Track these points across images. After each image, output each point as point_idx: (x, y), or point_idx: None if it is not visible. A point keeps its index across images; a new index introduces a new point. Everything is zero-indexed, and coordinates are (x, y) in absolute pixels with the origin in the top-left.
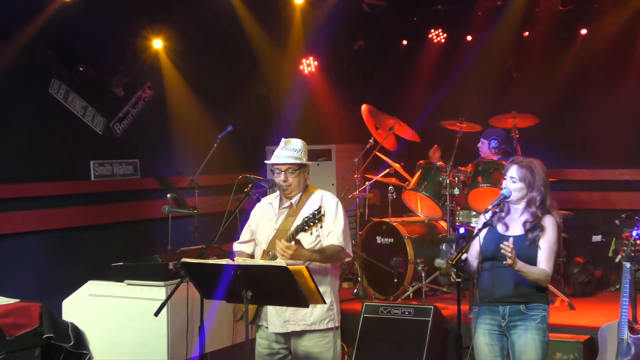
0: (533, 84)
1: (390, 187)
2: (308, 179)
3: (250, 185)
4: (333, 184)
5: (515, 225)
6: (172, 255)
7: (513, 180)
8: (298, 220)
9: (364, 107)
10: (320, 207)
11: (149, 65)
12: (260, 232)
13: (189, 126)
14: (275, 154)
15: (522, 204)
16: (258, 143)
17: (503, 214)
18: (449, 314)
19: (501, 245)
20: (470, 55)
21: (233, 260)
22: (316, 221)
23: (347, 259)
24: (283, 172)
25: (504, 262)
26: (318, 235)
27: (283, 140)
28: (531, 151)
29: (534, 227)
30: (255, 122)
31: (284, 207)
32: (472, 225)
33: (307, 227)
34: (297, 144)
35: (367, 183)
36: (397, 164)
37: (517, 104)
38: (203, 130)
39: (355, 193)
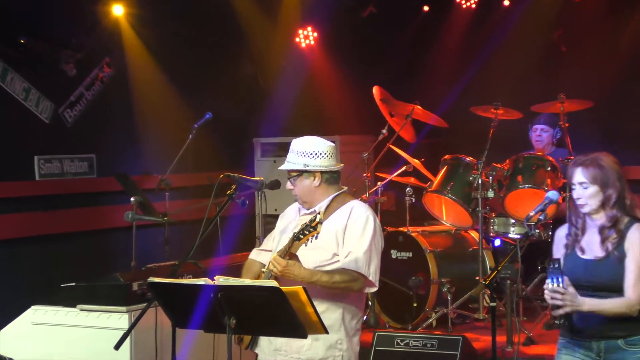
0: (586, 61)
1: (408, 189)
2: (321, 186)
3: (234, 187)
4: None
5: (595, 245)
6: (136, 273)
7: (584, 187)
8: (323, 232)
9: (375, 89)
10: (316, 213)
11: (107, 37)
12: (279, 240)
13: (158, 113)
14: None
15: (601, 214)
16: (244, 134)
17: (578, 232)
18: (482, 346)
19: (550, 295)
20: (507, 25)
21: (212, 279)
22: (311, 230)
23: (370, 290)
24: (289, 180)
25: (560, 311)
26: (335, 254)
27: (294, 141)
28: (583, 144)
29: (613, 233)
30: (240, 108)
31: (305, 214)
32: (509, 236)
33: (301, 236)
34: (303, 144)
35: (379, 184)
36: (416, 160)
37: (566, 86)
38: (175, 118)
39: (364, 196)
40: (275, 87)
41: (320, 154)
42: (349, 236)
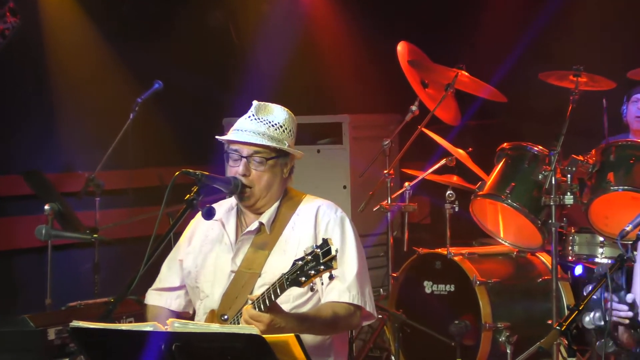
0: None
1: (449, 192)
2: (290, 180)
3: (195, 189)
4: (345, 187)
5: None
6: (53, 315)
7: None
8: (277, 259)
9: (401, 46)
10: (326, 240)
11: None
12: (205, 276)
13: (86, 84)
14: (236, 125)
15: None
16: (210, 113)
17: None
18: None
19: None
20: None
21: (164, 323)
22: (321, 267)
23: (366, 323)
24: (244, 160)
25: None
26: (313, 284)
27: (255, 104)
28: None
29: None
30: (204, 76)
31: (248, 232)
32: (596, 261)
33: (302, 279)
34: (278, 113)
35: (406, 185)
36: (461, 150)
37: None
38: (111, 91)
39: (385, 203)
40: (254, 44)
41: (291, 130)
42: None
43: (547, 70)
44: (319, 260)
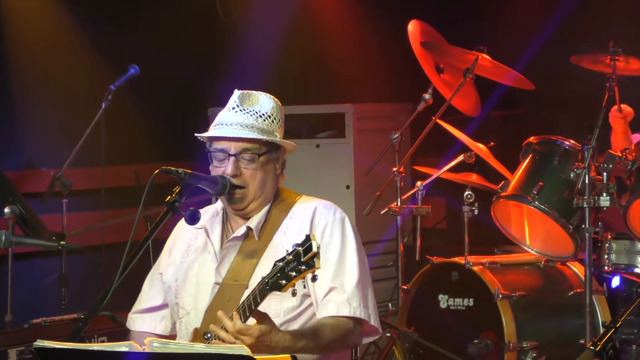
0: None
1: (467, 193)
2: (283, 177)
3: (177, 189)
4: (348, 187)
5: None
6: (15, 334)
7: None
8: (267, 268)
9: (413, 25)
10: (308, 235)
11: None
12: (185, 290)
13: (50, 67)
14: (218, 119)
15: None
16: (194, 102)
17: None
18: None
19: None
20: None
21: (142, 343)
22: (302, 267)
23: (370, 339)
24: (232, 159)
25: None
26: (307, 296)
27: (237, 93)
28: None
29: None
30: (187, 60)
31: (234, 238)
32: (636, 271)
33: (283, 282)
34: (264, 102)
35: (419, 184)
36: (481, 145)
37: None
38: (79, 75)
39: (394, 205)
40: (244, 22)
41: (280, 119)
42: (321, 260)
43: (581, 53)
44: (300, 259)
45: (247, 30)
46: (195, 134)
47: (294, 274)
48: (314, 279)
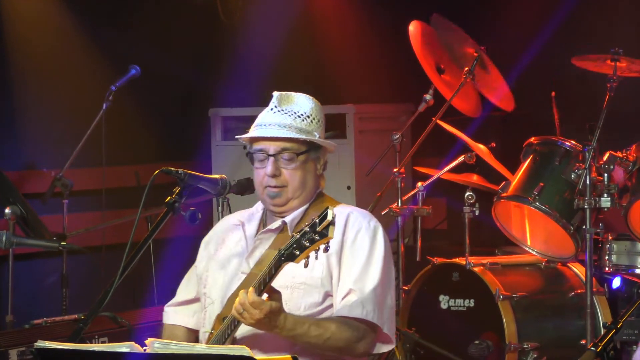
0: None
1: (468, 194)
2: (323, 180)
3: (177, 190)
4: (349, 187)
5: None
6: (15, 334)
7: None
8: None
9: (414, 26)
10: (325, 212)
11: None
12: (214, 279)
13: (51, 68)
14: (257, 120)
15: None
16: (194, 103)
17: None
18: None
19: None
20: None
21: (143, 343)
22: (316, 237)
23: (384, 349)
24: (271, 159)
25: None
26: (329, 294)
27: (276, 94)
28: None
29: None
30: (187, 61)
31: (268, 230)
32: (637, 272)
33: (297, 252)
34: (303, 102)
35: (419, 185)
36: (482, 146)
37: None
38: (80, 75)
39: (395, 206)
40: (245, 23)
41: (320, 120)
42: (347, 263)
43: (582, 54)
44: (315, 228)
45: (247, 31)
46: (236, 136)
47: (307, 244)
48: (326, 249)
